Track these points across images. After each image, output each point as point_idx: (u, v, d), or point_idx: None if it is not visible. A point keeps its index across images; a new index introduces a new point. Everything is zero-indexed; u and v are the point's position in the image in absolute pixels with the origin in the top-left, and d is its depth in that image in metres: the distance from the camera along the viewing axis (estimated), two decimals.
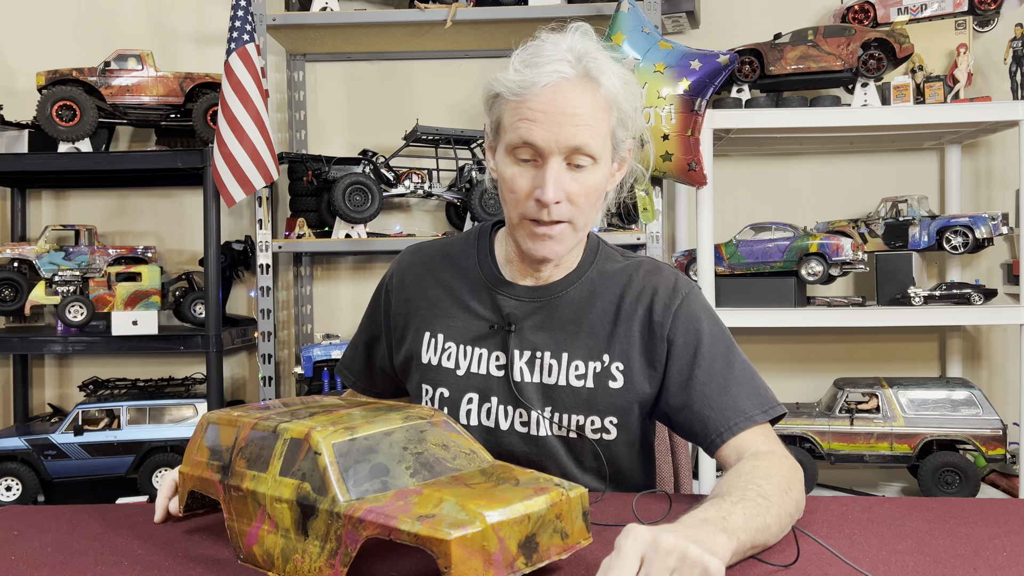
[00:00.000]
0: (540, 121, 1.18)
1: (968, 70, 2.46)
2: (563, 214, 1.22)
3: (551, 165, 1.20)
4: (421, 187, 2.70)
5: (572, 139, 1.19)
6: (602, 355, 1.28)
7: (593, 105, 1.20)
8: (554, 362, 1.28)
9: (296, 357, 2.90)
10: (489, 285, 1.34)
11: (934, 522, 1.13)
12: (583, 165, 1.21)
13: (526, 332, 1.30)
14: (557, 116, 1.18)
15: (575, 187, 1.22)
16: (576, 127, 1.18)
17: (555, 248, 1.25)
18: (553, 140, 1.19)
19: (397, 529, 0.84)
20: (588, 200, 1.24)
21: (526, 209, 1.23)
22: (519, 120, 1.20)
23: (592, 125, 1.20)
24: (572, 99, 1.19)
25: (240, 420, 1.05)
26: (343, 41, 2.82)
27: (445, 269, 1.38)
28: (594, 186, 1.23)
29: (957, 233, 2.47)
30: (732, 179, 2.87)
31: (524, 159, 1.22)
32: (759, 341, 2.90)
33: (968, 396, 2.41)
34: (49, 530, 1.17)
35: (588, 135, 1.19)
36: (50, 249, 2.67)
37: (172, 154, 2.59)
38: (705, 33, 2.85)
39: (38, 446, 2.48)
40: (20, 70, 2.97)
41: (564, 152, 1.20)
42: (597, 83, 1.21)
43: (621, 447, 1.31)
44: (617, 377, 1.28)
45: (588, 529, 0.94)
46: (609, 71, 1.22)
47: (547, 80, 1.18)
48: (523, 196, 1.23)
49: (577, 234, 1.27)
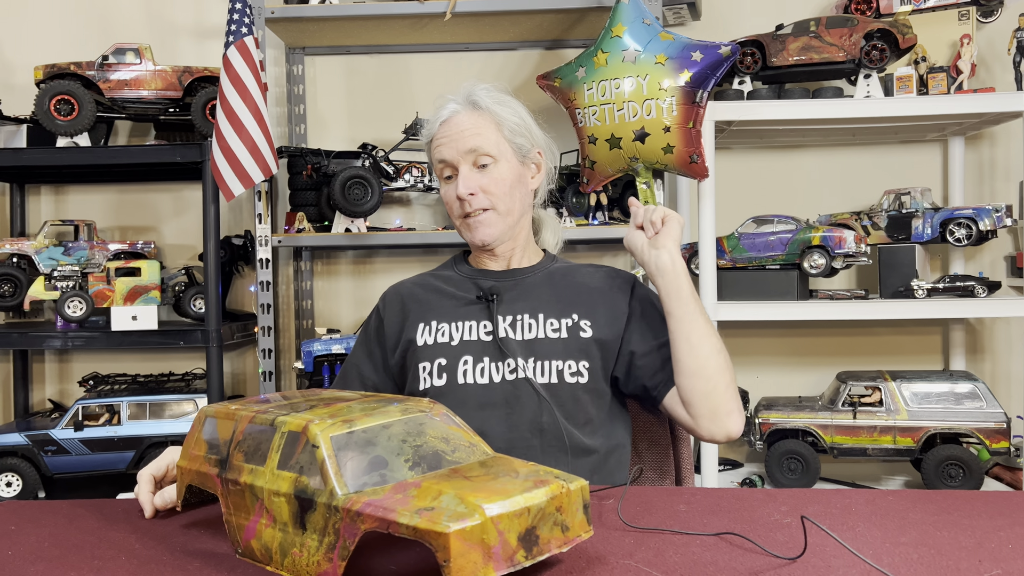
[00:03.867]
0: (445, 144, 1.56)
1: (972, 61, 2.44)
2: (481, 203, 1.54)
3: (461, 171, 1.55)
4: (421, 181, 2.69)
5: (467, 144, 1.54)
6: (571, 314, 1.54)
7: (478, 121, 1.56)
8: (533, 321, 1.53)
9: (297, 352, 2.89)
10: (468, 278, 1.62)
11: (938, 514, 1.12)
12: (486, 164, 1.54)
13: (507, 302, 1.55)
14: (455, 135, 1.55)
15: (484, 180, 1.54)
16: (468, 138, 1.54)
17: (487, 231, 1.56)
18: (455, 150, 1.55)
19: (396, 522, 0.83)
20: (499, 188, 1.55)
21: (458, 210, 1.57)
22: (435, 149, 1.58)
23: (481, 133, 1.55)
24: (462, 121, 1.56)
25: (238, 413, 1.04)
26: (342, 34, 2.81)
27: (432, 280, 1.65)
28: (500, 178, 1.55)
29: (961, 225, 2.46)
30: (734, 172, 2.85)
31: (447, 176, 1.57)
32: (761, 334, 2.89)
33: (972, 389, 2.40)
34: (46, 525, 1.17)
35: (479, 140, 1.55)
36: (49, 244, 2.66)
37: (171, 148, 2.58)
38: (706, 25, 2.83)
39: (38, 442, 2.47)
40: (18, 64, 2.95)
41: (467, 157, 1.54)
42: (477, 106, 1.57)
43: (594, 393, 1.51)
44: (586, 330, 1.52)
45: (589, 522, 0.93)
46: (486, 98, 1.58)
47: (444, 116, 1.58)
48: (452, 201, 1.57)
49: (504, 218, 1.57)
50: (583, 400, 1.50)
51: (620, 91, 2.26)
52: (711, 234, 2.43)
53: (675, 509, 1.15)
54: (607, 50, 2.29)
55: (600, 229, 2.53)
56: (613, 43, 2.29)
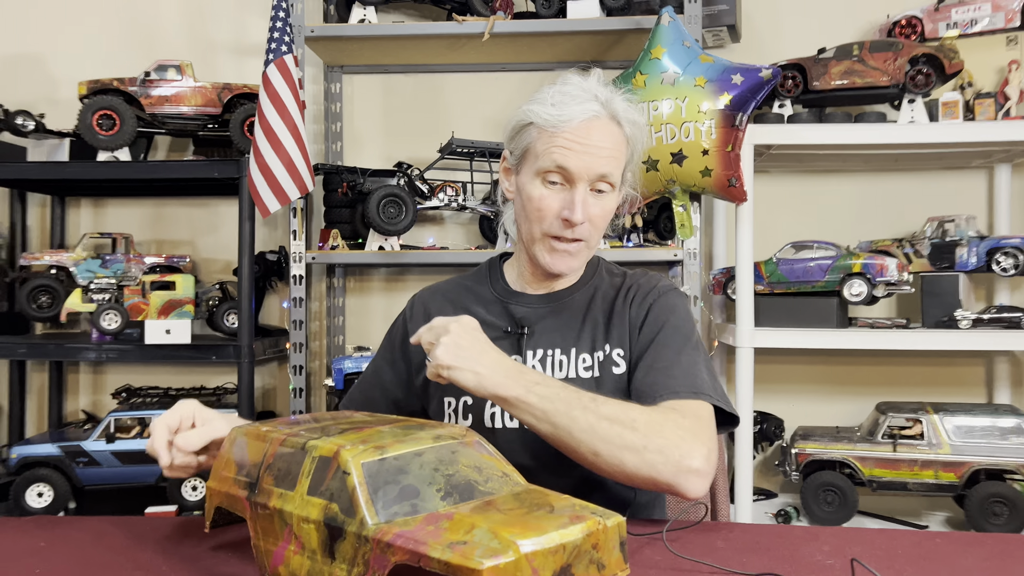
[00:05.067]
0: (575, 150, 1.34)
1: (1020, 87, 2.39)
2: (583, 233, 1.38)
3: (579, 189, 1.36)
4: (455, 200, 2.69)
5: (600, 168, 1.36)
6: (604, 344, 1.41)
7: (616, 141, 1.38)
8: (564, 358, 1.41)
9: (327, 369, 2.89)
10: (502, 299, 1.49)
11: (988, 559, 1.08)
12: (603, 191, 1.38)
13: (537, 334, 1.43)
14: (591, 147, 1.35)
15: (595, 210, 1.38)
16: (604, 158, 1.36)
17: (572, 264, 1.41)
18: (584, 167, 1.35)
19: (427, 556, 0.80)
20: (604, 222, 1.41)
21: (550, 227, 1.38)
22: (554, 147, 1.35)
23: (616, 157, 1.38)
24: (602, 134, 1.36)
25: (269, 435, 1.03)
26: (380, 53, 2.82)
27: (460, 295, 1.52)
28: (610, 210, 1.41)
29: (1008, 255, 2.39)
30: (772, 196, 2.81)
31: (553, 182, 1.37)
32: (799, 362, 2.83)
33: (1018, 424, 2.32)
34: (74, 542, 1.17)
35: (612, 165, 1.37)
36: (87, 257, 2.69)
37: (208, 164, 2.60)
38: (746, 47, 2.80)
39: (70, 453, 2.49)
40: (63, 79, 3.01)
41: (591, 179, 1.36)
42: (620, 124, 1.39)
43: None
44: (619, 363, 1.40)
45: (625, 559, 0.90)
46: (628, 118, 1.40)
47: (583, 116, 1.35)
48: (551, 215, 1.37)
49: (590, 252, 1.44)
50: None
51: (658, 113, 2.24)
52: (749, 259, 2.39)
53: (713, 545, 1.12)
54: (646, 72, 2.27)
55: (634, 252, 2.50)
56: (652, 65, 2.27)
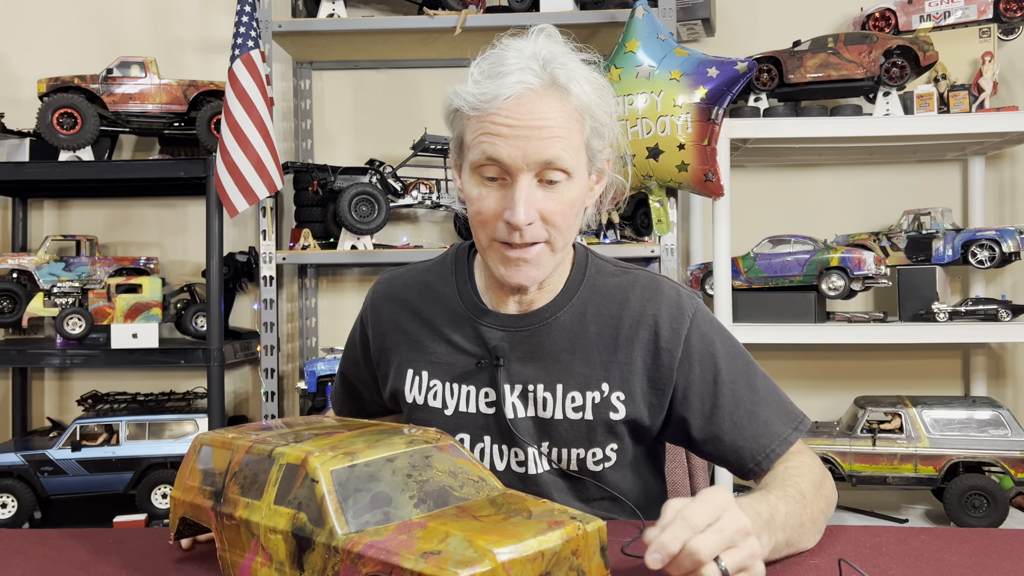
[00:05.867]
0: (505, 136, 1.07)
1: (994, 79, 2.39)
2: (538, 235, 1.12)
3: (520, 184, 1.09)
4: (429, 198, 2.64)
5: (541, 153, 1.08)
6: (600, 384, 1.17)
7: (563, 115, 1.09)
8: (548, 395, 1.18)
9: (300, 372, 2.83)
10: (471, 316, 1.23)
11: (975, 556, 1.06)
12: (556, 181, 1.10)
13: (515, 365, 1.19)
14: (523, 130, 1.07)
15: (549, 205, 1.11)
16: (545, 140, 1.07)
17: (532, 273, 1.14)
18: (520, 156, 1.08)
19: (399, 567, 0.76)
20: (564, 219, 1.12)
21: (495, 232, 1.12)
22: (481, 135, 1.09)
23: (563, 137, 1.09)
24: (539, 110, 1.08)
25: (234, 443, 0.99)
26: (350, 49, 2.77)
27: (423, 300, 1.27)
28: (570, 203, 1.12)
29: (983, 247, 2.39)
30: (748, 190, 2.79)
31: (490, 178, 1.11)
32: (777, 357, 2.82)
33: (996, 416, 2.32)
34: (34, 556, 1.11)
35: (559, 148, 1.08)
36: (50, 260, 2.61)
37: (175, 163, 2.53)
38: (721, 41, 2.78)
39: (35, 462, 2.41)
40: (23, 78, 2.92)
41: (534, 168, 1.09)
42: (566, 91, 1.10)
43: (623, 469, 1.22)
44: (619, 408, 1.18)
45: (607, 565, 0.87)
46: (579, 77, 1.11)
47: (510, 92, 1.08)
48: (491, 217, 1.12)
49: (556, 255, 1.15)
50: (610, 479, 1.21)
51: (634, 107, 2.21)
52: (726, 254, 2.37)
53: None
54: (620, 65, 2.24)
55: (611, 248, 2.47)
56: (627, 59, 2.24)
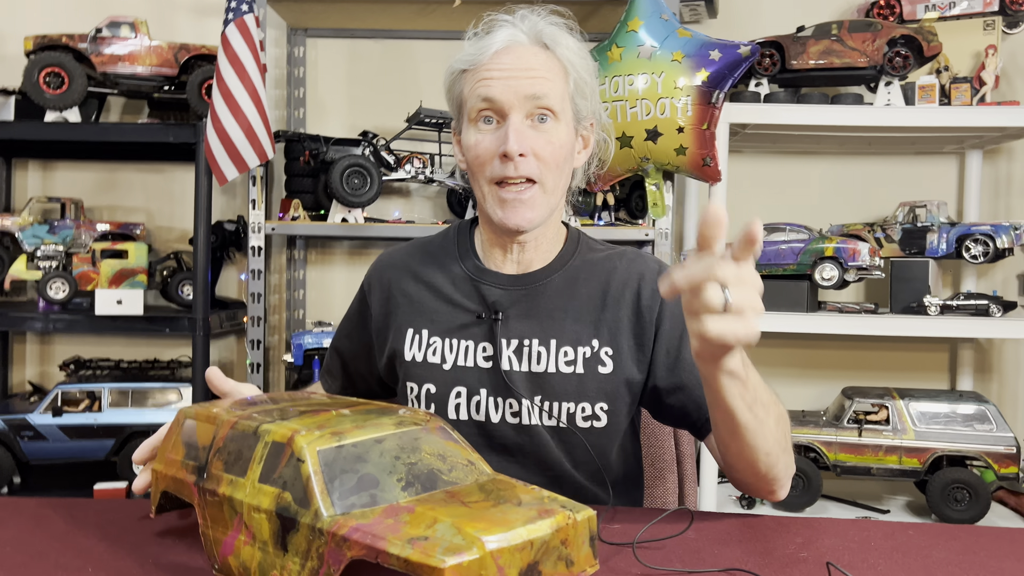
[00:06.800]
0: (496, 77, 1.21)
1: (996, 72, 2.37)
2: (531, 170, 1.21)
3: (512, 119, 1.20)
4: (422, 172, 2.61)
5: (529, 88, 1.20)
6: (591, 340, 1.26)
7: (548, 63, 1.23)
8: (542, 349, 1.26)
9: (287, 344, 2.81)
10: (471, 276, 1.32)
11: (963, 553, 1.05)
12: (545, 119, 1.22)
13: (512, 321, 1.28)
14: (513, 71, 1.20)
15: (539, 141, 1.21)
16: (533, 79, 1.20)
17: (527, 215, 1.23)
18: (512, 92, 1.20)
19: (385, 552, 0.75)
20: (554, 158, 1.23)
21: (492, 170, 1.22)
22: (477, 83, 1.22)
23: (548, 79, 1.22)
24: (526, 57, 1.22)
25: (219, 417, 0.96)
26: (346, 16, 2.72)
27: (425, 265, 1.36)
28: (559, 144, 1.23)
29: (978, 242, 2.39)
30: (745, 176, 2.77)
31: (487, 120, 1.22)
32: (767, 345, 2.80)
33: (981, 411, 2.33)
34: (10, 526, 1.09)
35: (546, 87, 1.21)
36: (34, 222, 2.57)
37: (164, 128, 2.48)
38: (723, 23, 2.75)
39: (15, 426, 2.39)
40: (9, 35, 2.85)
41: (523, 104, 1.20)
42: (552, 49, 1.24)
43: (611, 436, 1.28)
44: (606, 362, 1.26)
45: (595, 555, 0.86)
46: (563, 43, 1.25)
47: (501, 44, 1.22)
48: (488, 157, 1.22)
49: (548, 198, 1.25)
50: (597, 444, 1.26)
51: (634, 88, 2.18)
52: None
53: (685, 536, 1.08)
54: (622, 44, 2.21)
55: (605, 230, 2.45)
56: (628, 38, 2.20)
